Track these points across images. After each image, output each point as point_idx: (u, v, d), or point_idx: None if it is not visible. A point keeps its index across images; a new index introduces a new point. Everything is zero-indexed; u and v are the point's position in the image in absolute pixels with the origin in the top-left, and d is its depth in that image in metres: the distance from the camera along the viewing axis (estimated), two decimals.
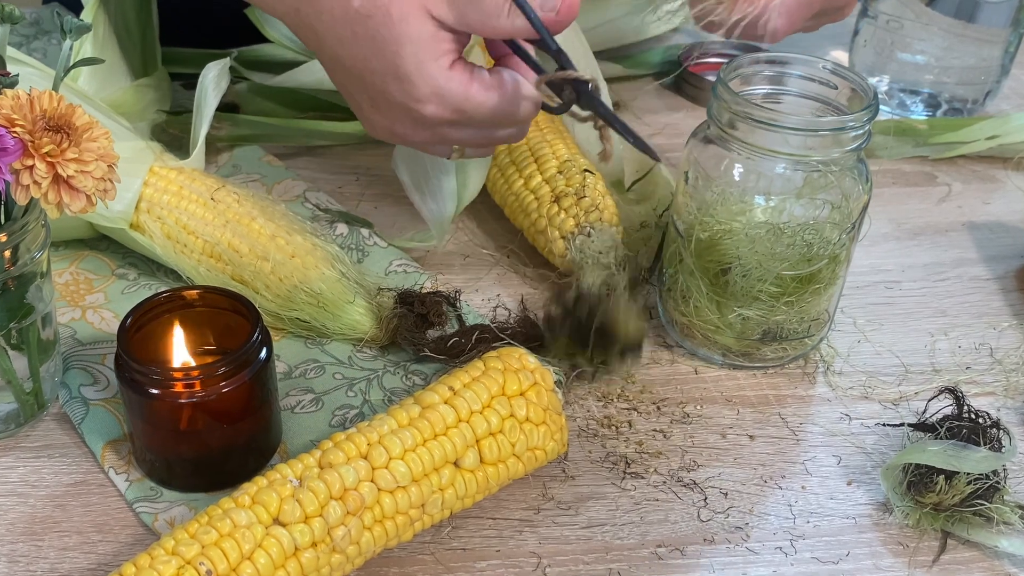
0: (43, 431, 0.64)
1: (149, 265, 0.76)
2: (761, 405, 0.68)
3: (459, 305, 0.72)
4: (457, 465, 0.56)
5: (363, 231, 0.80)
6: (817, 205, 0.64)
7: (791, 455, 0.65)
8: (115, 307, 0.72)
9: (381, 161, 0.88)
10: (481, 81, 0.63)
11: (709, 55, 1.06)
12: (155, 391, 0.57)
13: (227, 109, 0.89)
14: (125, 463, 0.61)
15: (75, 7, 1.00)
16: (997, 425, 0.61)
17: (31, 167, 0.52)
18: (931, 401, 0.64)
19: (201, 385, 0.57)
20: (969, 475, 0.58)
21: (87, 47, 0.78)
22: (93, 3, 0.79)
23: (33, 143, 0.52)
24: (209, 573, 0.49)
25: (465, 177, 0.78)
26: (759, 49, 1.02)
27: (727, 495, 0.62)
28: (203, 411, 0.58)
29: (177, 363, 0.61)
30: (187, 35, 0.94)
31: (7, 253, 0.58)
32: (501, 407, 0.57)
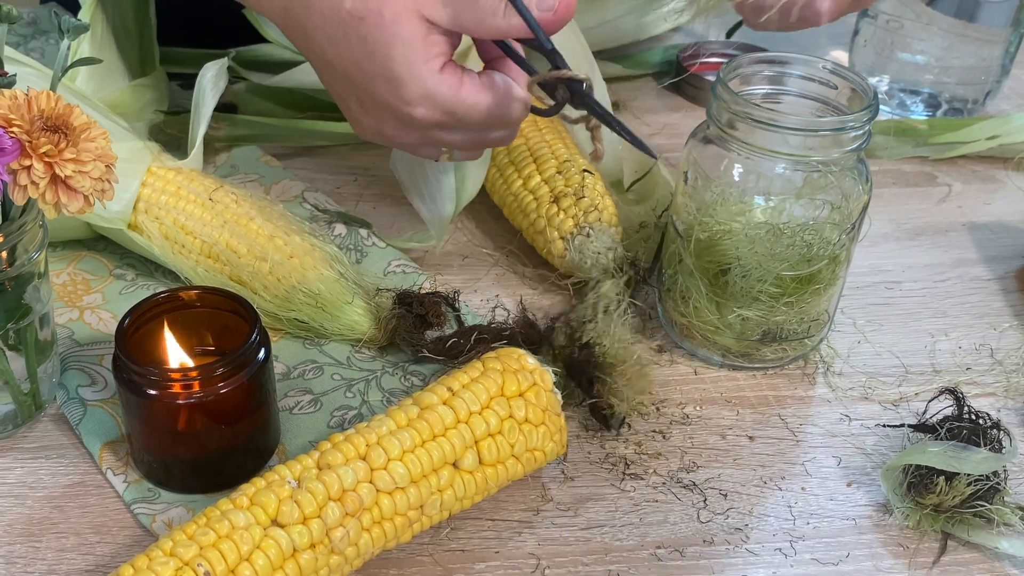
0: (41, 432, 0.64)
1: (147, 266, 0.76)
2: (761, 406, 0.68)
3: (458, 306, 0.72)
4: (456, 466, 0.56)
5: (361, 231, 0.80)
6: (817, 205, 0.64)
7: (791, 456, 0.65)
8: (113, 308, 0.72)
9: (379, 161, 0.88)
10: (471, 84, 0.63)
11: (708, 55, 1.06)
12: (153, 392, 0.57)
13: (225, 109, 0.89)
14: (123, 464, 0.61)
15: (73, 7, 1.00)
16: (997, 426, 0.61)
17: (29, 167, 0.52)
18: (931, 402, 0.64)
19: (199, 386, 0.57)
20: (969, 476, 0.58)
21: (85, 47, 0.78)
22: (91, 3, 0.79)
23: (31, 143, 0.52)
24: (207, 574, 0.49)
25: (464, 177, 0.78)
26: (759, 49, 1.01)
27: (727, 496, 0.62)
28: (201, 412, 0.57)
29: (175, 364, 0.60)
30: (185, 35, 0.94)
31: (4, 254, 0.57)
32: (500, 408, 0.57)
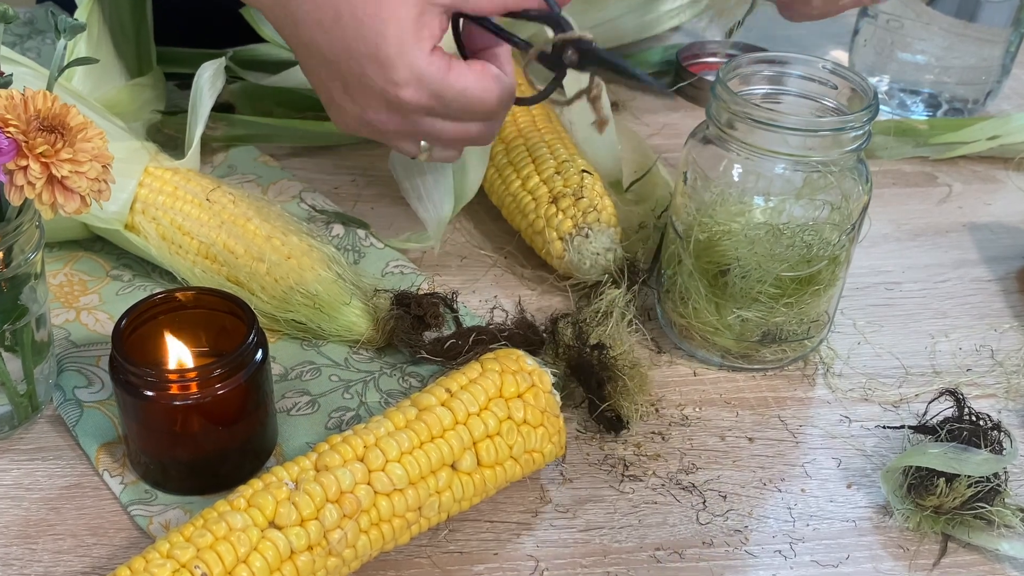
0: (37, 433, 0.64)
1: (144, 266, 0.75)
2: (760, 407, 0.68)
3: (456, 307, 0.71)
4: (454, 468, 0.56)
5: (359, 232, 0.80)
6: (817, 206, 0.64)
7: (790, 458, 0.64)
8: (110, 308, 0.72)
9: (378, 162, 0.88)
10: (460, 67, 0.63)
11: (708, 55, 1.06)
12: (150, 393, 0.56)
13: (222, 109, 0.88)
14: (120, 466, 0.61)
15: (69, 6, 1.00)
16: (998, 427, 0.61)
17: (25, 167, 0.52)
18: (931, 403, 0.64)
19: (196, 387, 0.56)
20: (970, 478, 0.58)
21: (81, 47, 0.78)
22: (87, 2, 0.79)
23: (27, 143, 0.52)
24: None
25: (462, 178, 0.78)
26: (758, 49, 1.01)
27: (726, 498, 0.62)
28: (198, 413, 0.57)
29: (172, 365, 0.60)
30: (184, 35, 0.94)
31: (1, 254, 0.57)
32: (498, 409, 0.57)
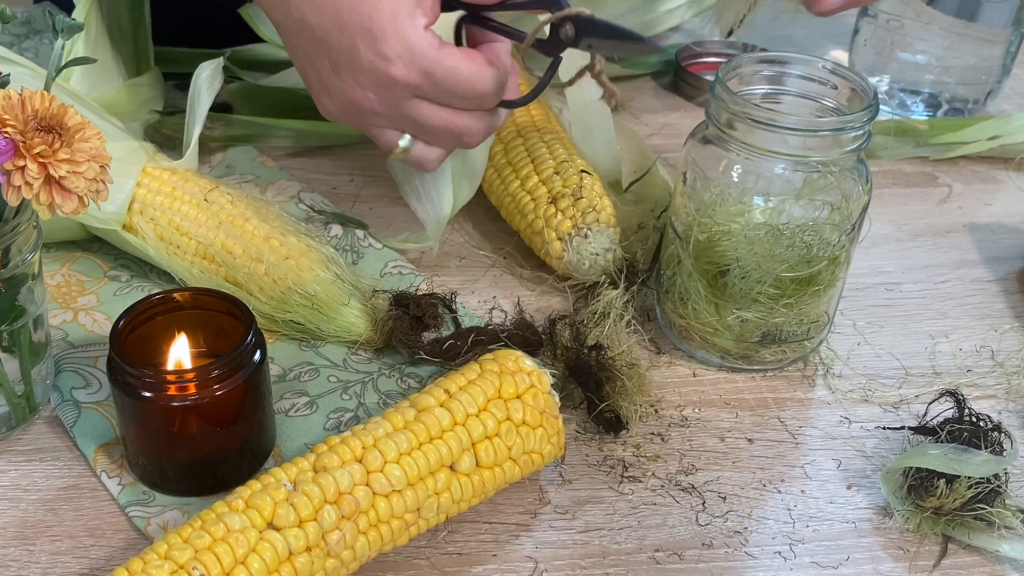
0: (35, 434, 0.64)
1: (142, 267, 0.75)
2: (760, 408, 0.67)
3: (455, 307, 0.71)
4: (453, 469, 0.55)
5: (358, 232, 0.80)
6: (816, 206, 0.64)
7: (790, 459, 0.64)
8: (107, 309, 0.72)
9: (376, 162, 0.88)
10: (451, 48, 0.64)
11: (707, 54, 1.05)
12: (148, 394, 0.56)
13: (220, 109, 0.88)
14: (118, 467, 0.61)
15: (67, 6, 0.99)
16: (998, 428, 0.61)
17: (23, 168, 0.52)
18: (932, 404, 0.64)
19: (194, 388, 0.56)
20: (970, 479, 0.58)
21: (79, 46, 0.78)
22: (85, 2, 0.78)
23: (24, 143, 0.52)
24: None
25: (461, 178, 0.78)
26: (758, 49, 1.01)
27: (725, 499, 0.61)
28: (196, 414, 0.57)
29: (170, 366, 0.60)
30: (184, 34, 0.94)
31: None
32: (497, 410, 0.57)
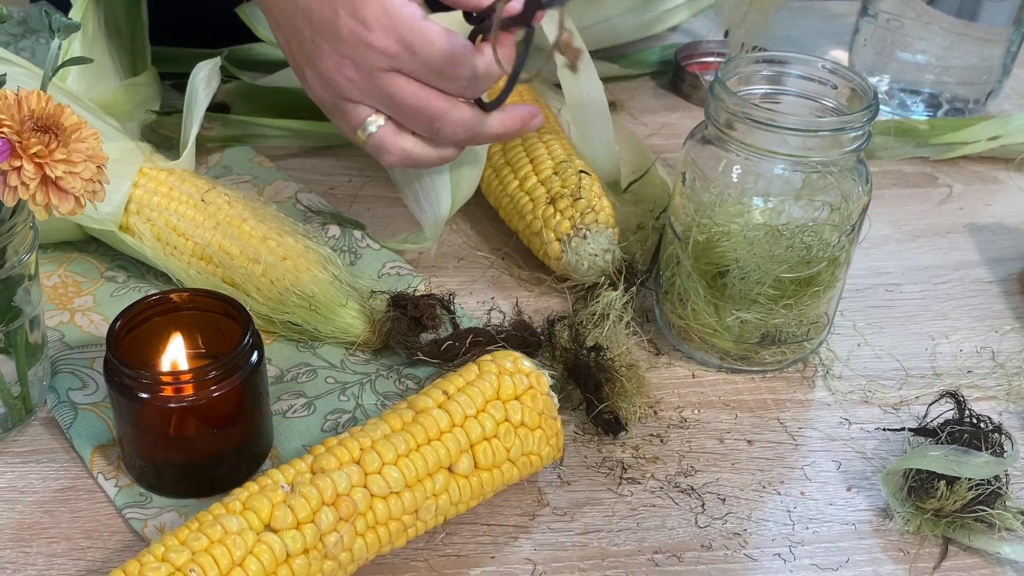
0: (31, 436, 0.63)
1: (139, 267, 0.75)
2: (759, 409, 0.67)
3: (453, 308, 0.71)
4: (451, 470, 0.55)
5: (356, 233, 0.79)
6: (816, 207, 0.63)
7: (790, 460, 0.64)
8: (104, 310, 0.72)
9: (374, 162, 0.87)
10: (434, 24, 0.64)
11: (707, 54, 1.05)
12: (145, 395, 0.56)
13: (217, 109, 0.88)
14: (114, 468, 0.61)
15: (64, 5, 0.99)
16: (999, 430, 0.61)
17: (19, 168, 0.52)
18: (932, 405, 0.64)
19: (191, 389, 0.56)
20: (970, 481, 0.58)
21: (76, 46, 0.78)
22: (82, 2, 0.78)
23: (21, 144, 0.52)
24: None
25: (459, 178, 0.77)
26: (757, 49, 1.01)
27: (725, 501, 0.61)
28: (193, 416, 0.57)
29: (167, 367, 0.60)
30: (182, 34, 0.94)
31: None
32: (496, 411, 0.57)
